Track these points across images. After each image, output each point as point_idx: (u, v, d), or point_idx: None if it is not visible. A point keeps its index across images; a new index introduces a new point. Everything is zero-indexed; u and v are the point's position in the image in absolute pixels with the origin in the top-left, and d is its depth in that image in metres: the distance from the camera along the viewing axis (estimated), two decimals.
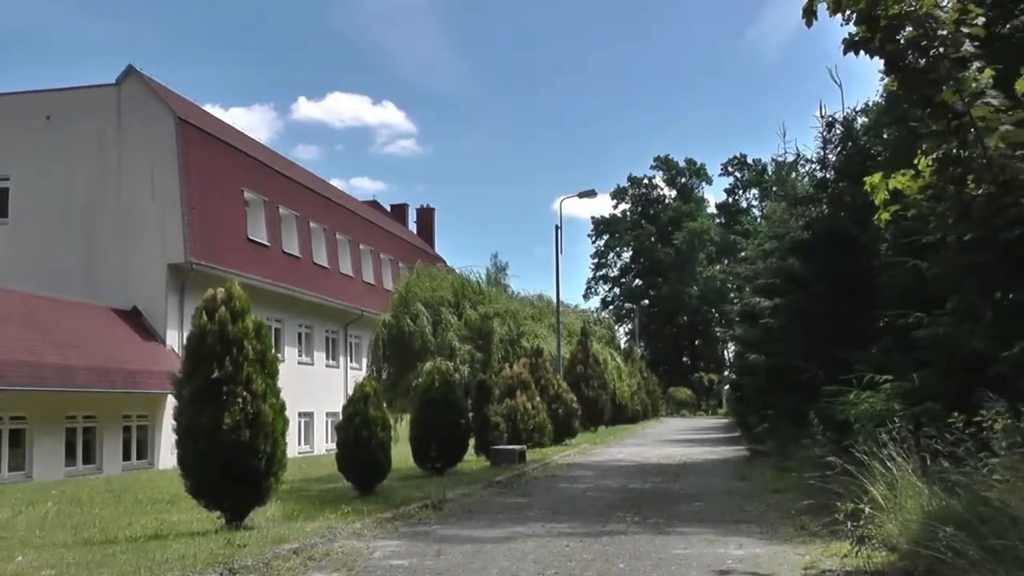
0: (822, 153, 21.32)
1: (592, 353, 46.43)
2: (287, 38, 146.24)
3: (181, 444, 12.15)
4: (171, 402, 14.00)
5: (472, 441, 23.94)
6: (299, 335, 42.23)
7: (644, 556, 10.17)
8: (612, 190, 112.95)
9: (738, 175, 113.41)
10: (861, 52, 8.61)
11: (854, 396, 13.32)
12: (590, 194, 43.45)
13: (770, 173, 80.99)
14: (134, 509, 15.68)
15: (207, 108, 51.53)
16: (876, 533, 9.12)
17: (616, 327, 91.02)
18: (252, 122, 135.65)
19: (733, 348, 59.69)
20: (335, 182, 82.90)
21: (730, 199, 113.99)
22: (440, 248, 71.11)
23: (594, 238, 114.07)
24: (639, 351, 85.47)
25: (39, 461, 26.73)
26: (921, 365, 12.66)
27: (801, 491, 12.85)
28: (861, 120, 21.52)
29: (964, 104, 7.94)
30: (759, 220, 52.58)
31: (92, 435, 29.48)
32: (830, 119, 21.03)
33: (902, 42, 8.31)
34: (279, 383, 12.61)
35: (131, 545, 10.88)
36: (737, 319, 33.73)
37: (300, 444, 40.21)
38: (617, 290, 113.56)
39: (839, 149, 20.92)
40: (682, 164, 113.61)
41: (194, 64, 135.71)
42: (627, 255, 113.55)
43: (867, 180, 9.41)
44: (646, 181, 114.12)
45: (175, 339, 31.67)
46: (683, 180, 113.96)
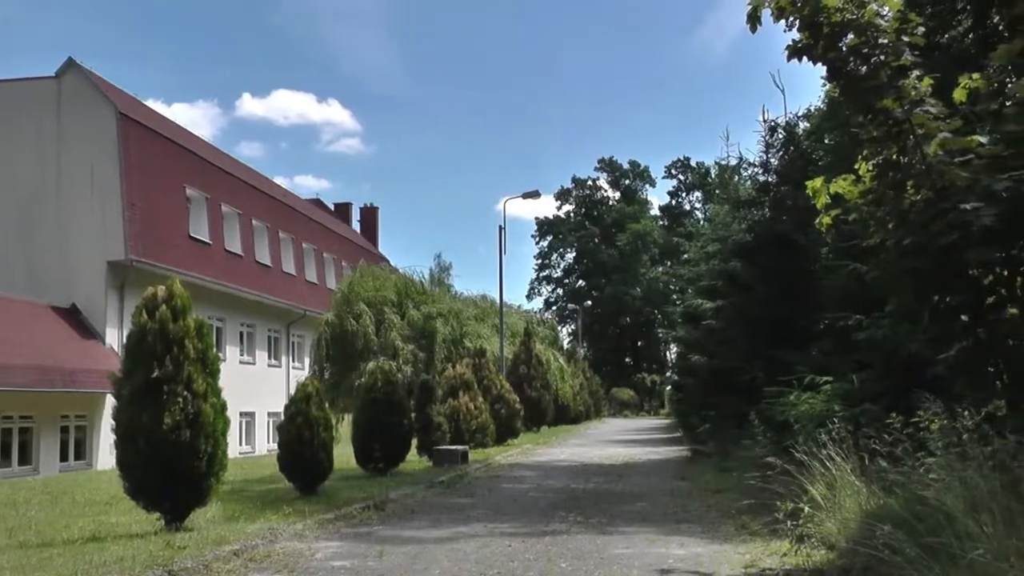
0: (764, 157, 21.60)
1: (535, 354, 46.49)
2: (232, 34, 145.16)
3: (120, 444, 12.00)
4: (110, 402, 13.84)
5: (415, 441, 23.84)
6: (241, 334, 41.78)
7: (586, 556, 10.22)
8: (556, 191, 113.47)
9: (681, 178, 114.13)
10: (804, 58, 8.72)
11: (794, 397, 13.51)
12: (534, 195, 43.50)
13: (713, 176, 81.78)
14: (71, 511, 15.46)
15: (149, 103, 51.14)
16: (815, 532, 9.27)
17: (559, 328, 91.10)
18: (195, 118, 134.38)
19: (675, 349, 60.09)
20: (279, 180, 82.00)
21: (673, 201, 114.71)
22: (384, 248, 70.87)
23: (538, 239, 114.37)
24: (582, 352, 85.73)
25: None
26: (860, 367, 12.89)
27: (742, 491, 13.00)
28: (803, 125, 21.88)
29: (904, 111, 8.07)
30: (702, 223, 52.98)
31: (29, 435, 28.84)
32: (773, 124, 21.32)
33: (844, 49, 8.43)
34: (220, 382, 12.52)
35: (68, 548, 10.72)
36: (680, 320, 34.03)
37: (241, 444, 39.80)
38: (560, 291, 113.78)
39: (781, 153, 21.21)
40: (626, 166, 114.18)
41: (137, 58, 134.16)
42: (570, 256, 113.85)
43: (809, 184, 9.54)
44: (590, 183, 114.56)
45: (115, 337, 31.23)
46: (627, 182, 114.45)
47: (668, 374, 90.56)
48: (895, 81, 8.17)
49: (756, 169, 22.55)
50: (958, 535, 6.26)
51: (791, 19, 8.51)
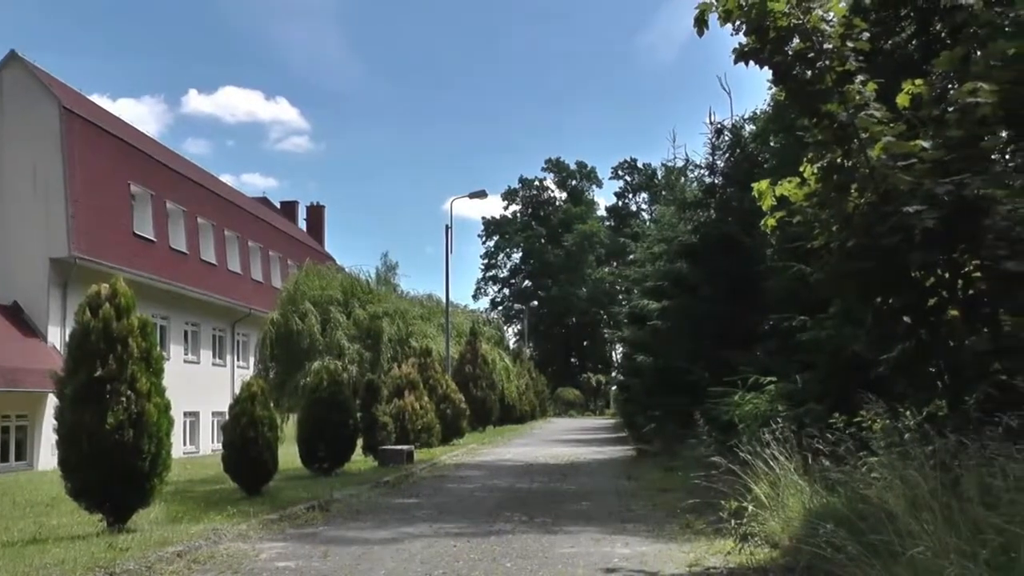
0: (711, 159, 21.81)
1: (481, 353, 46.53)
2: (179, 28, 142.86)
3: (62, 444, 11.84)
4: (52, 401, 13.64)
5: (360, 441, 23.75)
6: (185, 333, 41.27)
7: (531, 555, 10.23)
8: (503, 191, 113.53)
9: (628, 179, 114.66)
10: (751, 62, 8.82)
11: (739, 397, 13.65)
12: (481, 195, 43.57)
13: (660, 177, 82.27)
14: (12, 512, 15.22)
15: (94, 98, 50.26)
16: (759, 530, 9.37)
17: (505, 328, 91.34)
18: (141, 114, 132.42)
19: (621, 349, 60.32)
20: (225, 178, 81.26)
21: (620, 202, 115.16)
22: (330, 247, 70.56)
23: (484, 239, 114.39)
24: (528, 352, 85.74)
25: None
26: (804, 367, 13.03)
27: (687, 490, 13.09)
28: (749, 128, 22.05)
29: (848, 115, 8.19)
30: (648, 224, 53.27)
31: None
32: (719, 126, 21.52)
33: (790, 54, 8.53)
34: (164, 382, 12.39)
35: (8, 550, 10.53)
36: (625, 321, 34.18)
37: (185, 444, 39.33)
38: (507, 291, 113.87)
39: (727, 155, 21.41)
40: (573, 167, 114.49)
41: (82, 52, 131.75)
42: (517, 256, 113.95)
43: (755, 186, 9.64)
44: (537, 183, 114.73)
45: (57, 336, 30.73)
46: (574, 183, 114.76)
47: (614, 374, 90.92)
48: (840, 86, 8.29)
49: (702, 171, 22.79)
50: (899, 533, 6.35)
51: (738, 23, 8.61)
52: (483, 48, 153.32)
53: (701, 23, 8.70)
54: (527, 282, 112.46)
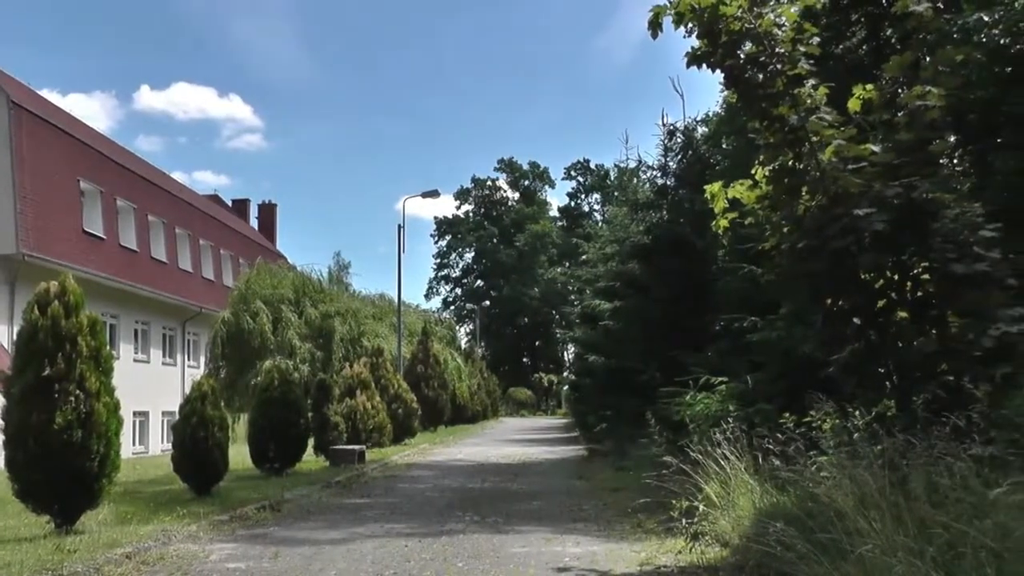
0: (663, 160, 21.93)
1: (433, 353, 46.39)
2: (131, 23, 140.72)
3: (9, 445, 11.69)
4: None
5: (311, 441, 23.63)
6: (135, 331, 40.75)
7: (483, 555, 10.25)
8: (455, 191, 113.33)
9: (581, 179, 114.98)
10: (703, 65, 8.90)
11: (690, 397, 13.73)
12: (433, 194, 43.60)
13: (612, 178, 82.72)
14: None
15: (44, 93, 49.53)
16: (710, 529, 9.44)
17: (457, 327, 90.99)
18: (92, 110, 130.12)
19: (573, 349, 60.59)
20: (177, 175, 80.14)
21: (572, 203, 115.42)
22: (282, 245, 69.99)
23: (436, 238, 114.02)
24: (480, 351, 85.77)
25: None
26: (755, 368, 13.15)
27: (638, 490, 13.13)
28: (701, 130, 22.21)
29: (799, 119, 8.29)
30: (600, 224, 53.51)
31: None
32: (672, 128, 21.65)
33: (742, 57, 8.63)
34: (114, 381, 12.26)
35: None
36: (577, 321, 34.33)
37: (135, 444, 38.82)
38: (459, 291, 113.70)
39: (680, 157, 21.54)
40: (526, 167, 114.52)
41: (31, 45, 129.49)
42: (469, 256, 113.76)
43: (707, 188, 9.73)
44: (489, 183, 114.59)
45: (4, 334, 30.17)
46: (526, 183, 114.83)
47: (565, 374, 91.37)
48: (791, 89, 8.39)
49: (655, 172, 22.88)
50: (848, 531, 6.43)
51: (691, 26, 8.68)
52: (437, 47, 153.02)
53: (655, 26, 8.78)
54: (479, 282, 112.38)
